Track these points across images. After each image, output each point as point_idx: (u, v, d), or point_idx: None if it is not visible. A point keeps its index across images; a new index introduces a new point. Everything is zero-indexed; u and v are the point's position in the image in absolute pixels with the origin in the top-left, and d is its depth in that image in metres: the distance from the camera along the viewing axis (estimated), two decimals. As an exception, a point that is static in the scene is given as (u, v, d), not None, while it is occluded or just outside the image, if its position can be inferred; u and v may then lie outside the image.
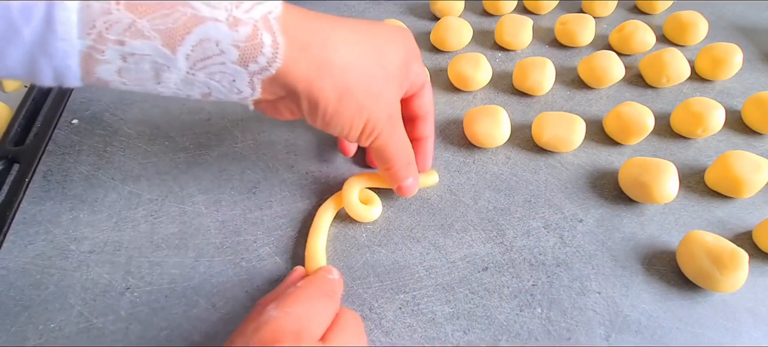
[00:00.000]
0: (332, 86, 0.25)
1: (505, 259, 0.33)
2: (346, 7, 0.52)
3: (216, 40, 0.23)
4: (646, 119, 0.38)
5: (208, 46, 0.23)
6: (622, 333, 0.30)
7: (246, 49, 0.23)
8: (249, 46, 0.23)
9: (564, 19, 0.47)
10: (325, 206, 0.34)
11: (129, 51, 0.22)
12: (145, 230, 0.34)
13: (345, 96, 0.26)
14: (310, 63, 0.25)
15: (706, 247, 0.31)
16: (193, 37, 0.23)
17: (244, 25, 0.23)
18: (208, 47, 0.23)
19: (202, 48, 0.23)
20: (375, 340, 0.29)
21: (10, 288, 0.31)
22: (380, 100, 0.27)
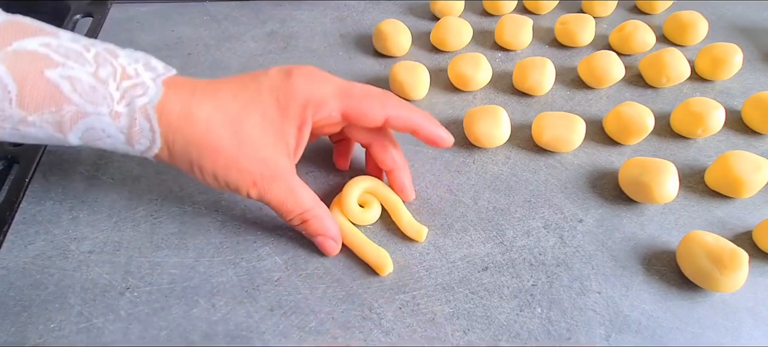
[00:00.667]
0: (197, 165, 0.28)
1: (505, 259, 0.33)
2: (346, 7, 0.52)
3: (102, 128, 0.26)
4: (646, 119, 0.38)
5: (95, 133, 0.27)
6: (622, 333, 0.30)
7: (130, 134, 0.27)
8: (131, 132, 0.27)
9: (564, 19, 0.47)
10: (333, 213, 0.34)
11: (25, 134, 0.26)
12: (145, 230, 0.34)
13: (196, 170, 0.29)
14: (181, 144, 0.28)
15: (706, 247, 0.31)
16: (80, 127, 0.26)
17: (124, 117, 0.26)
18: (96, 133, 0.27)
19: (91, 134, 0.27)
20: (375, 340, 0.29)
21: (10, 288, 0.31)
22: (232, 169, 0.28)
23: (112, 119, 0.26)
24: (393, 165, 0.34)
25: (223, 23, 0.50)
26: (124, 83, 0.26)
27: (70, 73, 0.25)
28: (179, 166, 0.29)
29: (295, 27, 0.50)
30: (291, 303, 0.31)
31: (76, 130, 0.26)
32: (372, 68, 0.46)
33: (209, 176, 0.29)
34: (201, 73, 0.45)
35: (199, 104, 0.28)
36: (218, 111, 0.28)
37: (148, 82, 0.27)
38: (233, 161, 0.28)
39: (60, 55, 0.26)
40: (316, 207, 0.31)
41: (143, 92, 0.27)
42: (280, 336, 0.29)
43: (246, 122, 0.29)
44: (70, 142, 0.27)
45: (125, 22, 0.50)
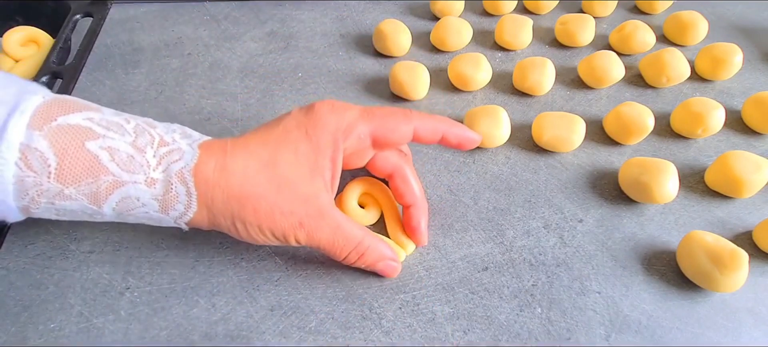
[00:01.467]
0: (239, 219, 0.28)
1: (505, 259, 0.33)
2: (346, 7, 0.52)
3: (136, 197, 0.27)
4: (646, 119, 0.38)
5: (130, 202, 0.27)
6: (622, 333, 0.30)
7: (164, 200, 0.27)
8: (166, 197, 0.27)
9: (564, 19, 0.47)
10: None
11: (59, 208, 0.26)
12: (145, 230, 0.34)
13: (247, 224, 0.28)
14: (221, 200, 0.27)
15: (706, 247, 0.31)
16: (115, 196, 0.26)
17: (160, 183, 0.27)
18: (130, 202, 0.27)
19: (125, 203, 0.27)
20: (375, 340, 0.29)
21: (10, 288, 0.31)
22: (275, 213, 0.28)
23: (147, 186, 0.26)
24: (413, 200, 0.33)
25: (223, 23, 0.50)
26: (161, 150, 0.27)
27: (110, 143, 0.26)
28: (220, 225, 0.28)
29: (295, 27, 0.50)
30: (291, 303, 0.31)
31: (110, 200, 0.26)
32: (372, 68, 0.46)
33: (254, 229, 0.28)
34: (201, 73, 0.45)
35: (233, 158, 0.28)
36: (252, 159, 0.28)
37: (185, 147, 0.28)
38: (275, 207, 0.28)
39: (102, 127, 0.26)
40: (367, 237, 0.30)
41: (179, 157, 0.27)
42: (280, 336, 0.29)
43: (280, 163, 0.28)
44: (103, 213, 0.27)
45: (125, 22, 0.50)
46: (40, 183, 0.25)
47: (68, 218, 0.28)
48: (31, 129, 0.25)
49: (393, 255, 0.31)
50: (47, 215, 0.27)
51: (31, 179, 0.25)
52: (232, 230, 0.29)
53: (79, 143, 0.25)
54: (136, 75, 0.45)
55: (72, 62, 0.46)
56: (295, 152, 0.29)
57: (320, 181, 0.29)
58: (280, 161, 0.28)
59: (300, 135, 0.29)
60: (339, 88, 0.44)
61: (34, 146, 0.24)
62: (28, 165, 0.25)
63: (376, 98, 0.43)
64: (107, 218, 0.28)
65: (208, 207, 0.28)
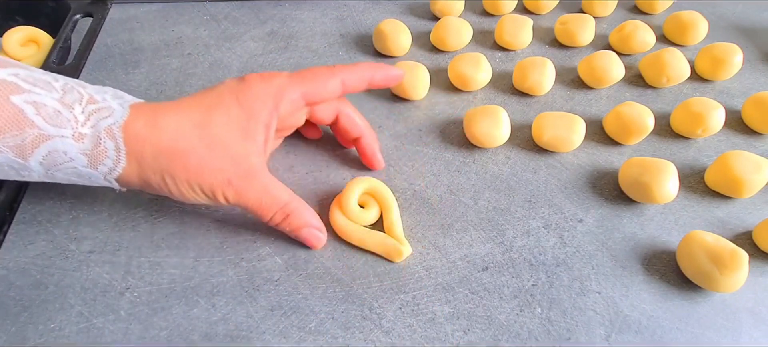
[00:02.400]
0: (168, 174, 0.28)
1: (505, 259, 0.33)
2: (346, 7, 0.52)
3: (64, 151, 0.27)
4: (646, 119, 0.38)
5: (57, 156, 0.27)
6: (622, 333, 0.30)
7: (92, 155, 0.27)
8: (95, 152, 0.27)
9: (564, 19, 0.47)
10: (333, 213, 0.34)
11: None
12: (145, 230, 0.34)
13: (169, 178, 0.29)
14: (151, 155, 0.28)
15: (706, 247, 0.31)
16: (42, 150, 0.26)
17: (88, 139, 0.27)
18: (57, 156, 0.27)
19: (52, 158, 0.27)
20: (375, 340, 0.29)
21: (10, 288, 0.31)
22: (205, 170, 0.29)
23: (75, 140, 0.27)
24: (361, 131, 0.36)
25: (223, 23, 0.50)
26: (89, 107, 0.27)
27: (35, 98, 0.26)
28: (151, 182, 0.29)
29: (295, 27, 0.50)
30: (291, 303, 0.31)
31: (36, 154, 0.26)
32: (372, 68, 0.46)
33: (183, 184, 0.29)
34: (201, 73, 0.45)
35: (165, 116, 0.29)
36: (184, 118, 0.29)
37: (115, 106, 0.28)
38: (205, 162, 0.29)
39: (27, 83, 0.26)
40: (294, 200, 0.31)
41: (109, 114, 0.28)
42: (280, 336, 0.29)
43: (212, 124, 0.29)
44: (30, 168, 0.27)
45: (125, 22, 0.50)
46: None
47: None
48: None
49: (318, 225, 0.32)
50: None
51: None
52: (163, 187, 0.29)
53: (3, 96, 0.25)
54: (136, 75, 0.45)
55: (72, 62, 0.46)
56: (228, 115, 0.30)
57: (252, 144, 0.30)
58: (212, 122, 0.29)
59: (232, 100, 0.30)
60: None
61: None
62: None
63: (376, 97, 0.43)
64: (34, 174, 0.28)
65: (138, 162, 0.28)
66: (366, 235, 0.33)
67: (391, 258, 0.32)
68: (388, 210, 0.34)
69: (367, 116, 0.41)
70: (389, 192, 0.35)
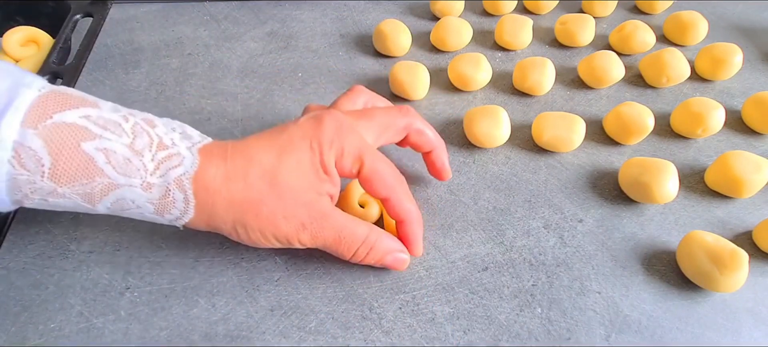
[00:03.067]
0: (240, 224, 0.28)
1: (505, 259, 0.33)
2: (346, 7, 0.52)
3: (132, 199, 0.26)
4: (646, 119, 0.38)
5: (124, 203, 0.27)
6: (622, 333, 0.30)
7: (160, 204, 0.27)
8: (163, 202, 0.27)
9: (564, 19, 0.47)
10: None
11: (53, 203, 0.26)
12: (145, 230, 0.34)
13: (240, 228, 0.28)
14: (222, 207, 0.28)
15: (706, 247, 0.31)
16: (110, 198, 0.26)
17: (157, 188, 0.26)
18: (124, 203, 0.27)
19: (120, 204, 0.27)
20: (375, 340, 0.29)
21: (10, 288, 0.31)
22: (278, 218, 0.28)
23: (143, 190, 0.26)
24: (433, 145, 0.34)
25: (223, 23, 0.50)
26: (159, 154, 0.27)
27: (106, 145, 0.25)
28: (221, 229, 0.29)
29: (295, 27, 0.50)
30: (291, 303, 0.31)
31: (105, 201, 0.26)
32: (372, 68, 0.46)
33: (255, 233, 0.28)
34: (201, 73, 0.45)
35: (234, 164, 0.28)
36: (254, 165, 0.28)
37: (184, 152, 0.27)
38: (278, 211, 0.28)
39: (98, 127, 0.26)
40: (373, 232, 0.30)
41: (179, 163, 0.27)
42: (280, 336, 0.29)
43: (283, 171, 0.28)
44: (97, 210, 0.27)
45: (125, 22, 0.50)
46: (34, 181, 0.25)
47: (62, 209, 0.28)
48: (25, 127, 0.24)
49: (401, 247, 0.31)
50: (40, 207, 0.27)
51: (25, 178, 0.25)
52: (234, 234, 0.29)
53: (74, 143, 0.25)
54: (136, 75, 0.45)
55: (72, 62, 0.46)
56: (299, 162, 0.28)
57: (323, 190, 0.29)
58: (282, 168, 0.28)
59: (305, 146, 0.29)
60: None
61: (27, 145, 0.24)
62: (22, 164, 0.24)
63: (376, 98, 0.43)
64: (101, 213, 0.28)
65: (208, 213, 0.28)
66: None
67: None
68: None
69: (367, 116, 0.41)
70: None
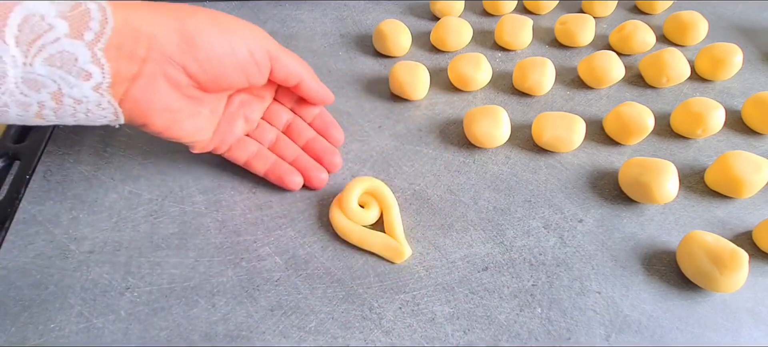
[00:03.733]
0: (176, 29, 0.25)
1: (505, 259, 0.33)
2: (346, 7, 0.52)
3: (40, 15, 0.23)
4: (646, 119, 0.38)
5: (34, 22, 0.23)
6: (622, 333, 0.30)
7: (74, 17, 0.23)
8: (76, 14, 0.23)
9: (564, 19, 0.47)
10: (333, 212, 0.34)
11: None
12: (145, 230, 0.34)
13: (192, 39, 0.26)
14: (153, 8, 0.25)
15: (706, 247, 0.31)
16: (16, 15, 0.22)
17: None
18: (34, 23, 0.23)
19: (30, 26, 0.23)
20: (375, 340, 0.29)
21: (10, 288, 0.31)
22: (254, 30, 0.28)
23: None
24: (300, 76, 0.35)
25: (223, 23, 0.50)
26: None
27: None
28: (150, 57, 0.25)
29: (295, 27, 0.50)
30: (291, 303, 0.31)
31: (11, 22, 0.22)
32: (372, 68, 0.46)
33: (211, 44, 0.27)
34: (201, 73, 0.45)
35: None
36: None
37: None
38: (241, 24, 0.28)
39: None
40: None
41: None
42: (280, 336, 0.29)
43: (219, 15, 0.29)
44: (9, 52, 0.23)
45: (125, 22, 0.50)
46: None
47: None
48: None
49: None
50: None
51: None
52: (184, 40, 0.26)
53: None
54: (136, 75, 0.45)
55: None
56: (250, 36, 0.30)
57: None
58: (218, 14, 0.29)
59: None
60: (339, 88, 0.44)
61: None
62: None
63: (376, 97, 0.43)
64: (15, 67, 0.23)
65: (137, 25, 0.24)
66: (366, 235, 0.33)
67: (391, 259, 0.32)
68: (388, 210, 0.34)
69: (367, 116, 0.42)
70: (389, 192, 0.35)
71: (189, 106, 0.30)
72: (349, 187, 0.34)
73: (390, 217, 0.34)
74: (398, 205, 0.35)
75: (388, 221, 0.34)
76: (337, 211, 0.34)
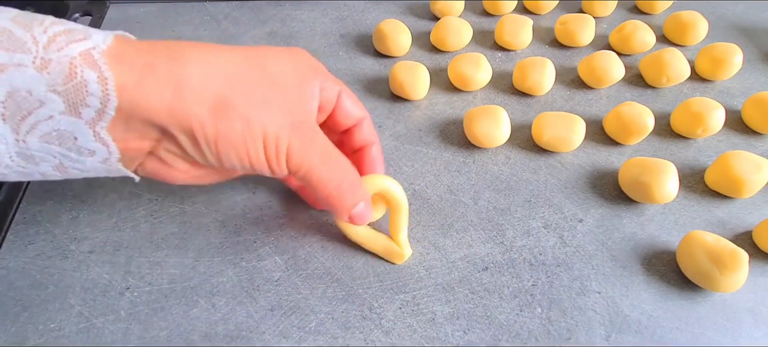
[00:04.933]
0: (200, 102, 0.21)
1: (505, 259, 0.33)
2: (346, 7, 0.52)
3: (27, 90, 0.19)
4: (646, 119, 0.38)
5: (21, 99, 0.20)
6: (622, 333, 0.30)
7: (68, 92, 0.20)
8: (70, 88, 0.20)
9: (564, 19, 0.47)
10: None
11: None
12: (145, 230, 0.34)
13: (221, 109, 0.21)
14: (162, 85, 0.21)
15: (706, 247, 0.31)
16: (1, 89, 0.19)
17: (56, 66, 0.19)
18: (22, 100, 0.20)
19: (16, 103, 0.20)
20: (375, 340, 0.29)
21: (10, 288, 0.31)
22: (273, 106, 0.22)
23: (37, 70, 0.19)
24: (366, 141, 0.32)
25: (223, 23, 0.50)
26: (54, 28, 0.20)
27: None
28: (160, 137, 0.22)
29: (295, 27, 0.50)
30: (291, 303, 0.31)
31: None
32: (372, 68, 0.46)
33: (237, 125, 0.22)
34: (201, 73, 0.45)
35: (186, 45, 0.22)
36: (222, 49, 0.23)
37: (91, 30, 0.21)
38: (265, 96, 0.22)
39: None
40: (354, 169, 0.28)
41: (84, 37, 0.20)
42: (280, 336, 0.29)
43: (272, 67, 0.23)
44: (4, 136, 0.20)
45: (124, 21, 0.50)
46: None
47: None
48: None
49: (368, 209, 0.29)
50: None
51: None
52: (188, 135, 0.22)
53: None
54: (136, 75, 0.45)
55: (72, 62, 0.46)
56: (283, 63, 0.24)
57: (314, 94, 0.25)
58: (268, 64, 0.23)
59: (285, 55, 0.25)
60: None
61: None
62: None
63: (376, 97, 0.43)
64: (6, 144, 0.20)
65: (138, 101, 0.20)
66: (369, 234, 0.32)
67: (391, 260, 0.32)
68: (396, 211, 0.33)
69: (367, 115, 0.41)
70: (402, 193, 0.32)
71: (213, 174, 0.28)
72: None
73: (397, 218, 0.33)
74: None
75: (394, 222, 0.33)
76: None
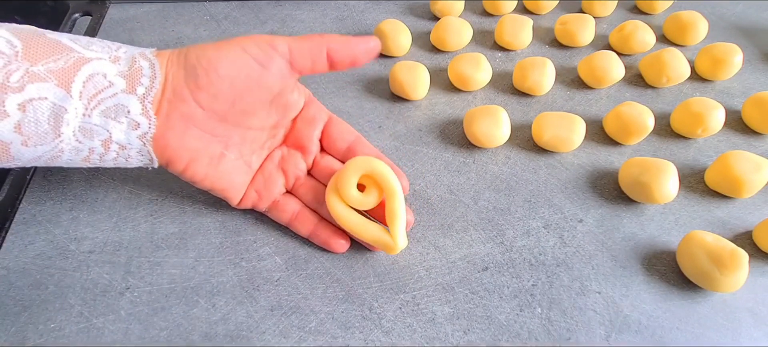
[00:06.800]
0: (192, 51, 0.29)
1: (505, 259, 0.33)
2: (346, 7, 0.52)
3: (103, 73, 0.27)
4: (646, 119, 0.38)
5: (97, 80, 0.27)
6: (622, 333, 0.30)
7: (130, 75, 0.27)
8: (132, 72, 0.27)
9: (564, 19, 0.47)
10: (329, 196, 0.32)
11: (27, 97, 0.25)
12: (145, 230, 0.34)
13: (215, 45, 0.29)
14: (196, 51, 0.29)
15: (706, 247, 0.31)
16: (83, 74, 0.26)
17: (124, 60, 0.28)
18: (97, 80, 0.27)
19: (93, 83, 0.27)
20: (375, 340, 0.29)
21: (10, 288, 0.31)
22: (250, 36, 0.29)
23: (111, 62, 0.27)
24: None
25: (223, 23, 0.50)
26: (121, 50, 0.29)
27: (67, 37, 0.28)
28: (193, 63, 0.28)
29: (295, 27, 0.50)
30: (291, 303, 0.31)
31: (78, 78, 0.26)
32: (372, 68, 0.46)
33: (238, 43, 0.29)
34: (201, 73, 0.45)
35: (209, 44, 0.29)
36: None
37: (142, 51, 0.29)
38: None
39: (54, 33, 0.28)
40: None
41: (140, 53, 0.29)
42: (280, 336, 0.29)
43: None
44: (72, 104, 0.26)
45: (124, 21, 0.50)
46: (10, 61, 0.25)
47: (33, 137, 0.26)
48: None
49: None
50: (9, 135, 0.25)
51: (1, 62, 0.25)
52: (191, 93, 0.28)
53: (38, 34, 0.27)
54: (136, 75, 0.45)
55: (72, 62, 0.46)
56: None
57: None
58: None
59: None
60: (339, 88, 0.44)
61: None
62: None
63: (376, 97, 0.43)
64: (76, 117, 0.26)
65: (183, 62, 0.28)
66: (361, 223, 0.31)
67: (385, 251, 0.31)
68: (390, 197, 0.31)
69: (367, 115, 0.41)
70: (392, 176, 0.31)
71: (210, 145, 0.30)
72: (348, 167, 0.31)
73: (392, 205, 0.31)
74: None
75: (389, 210, 0.31)
76: (334, 196, 0.31)
